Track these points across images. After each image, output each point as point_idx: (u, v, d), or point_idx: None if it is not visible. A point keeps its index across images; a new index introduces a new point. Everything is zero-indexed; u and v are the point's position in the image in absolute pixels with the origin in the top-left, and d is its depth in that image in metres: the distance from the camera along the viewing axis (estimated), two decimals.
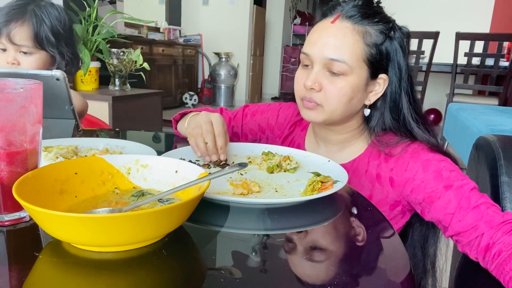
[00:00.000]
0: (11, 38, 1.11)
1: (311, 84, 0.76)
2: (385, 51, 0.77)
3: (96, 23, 2.50)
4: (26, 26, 1.13)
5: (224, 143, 0.74)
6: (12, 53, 1.13)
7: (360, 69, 0.75)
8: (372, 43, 0.75)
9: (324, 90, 0.76)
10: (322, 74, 0.76)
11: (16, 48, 1.13)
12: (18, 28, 1.11)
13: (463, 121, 2.01)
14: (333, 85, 0.75)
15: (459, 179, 0.69)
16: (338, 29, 0.75)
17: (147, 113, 2.79)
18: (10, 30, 1.10)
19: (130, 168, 0.57)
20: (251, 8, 6.05)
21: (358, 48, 0.74)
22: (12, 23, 1.11)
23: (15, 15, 1.11)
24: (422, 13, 4.96)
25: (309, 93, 0.78)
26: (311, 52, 0.77)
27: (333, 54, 0.74)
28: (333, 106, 0.77)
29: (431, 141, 0.77)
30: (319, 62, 0.76)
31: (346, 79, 0.75)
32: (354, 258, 0.47)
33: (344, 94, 0.75)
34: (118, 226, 0.38)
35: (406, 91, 0.79)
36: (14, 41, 1.11)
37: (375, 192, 0.80)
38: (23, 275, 0.38)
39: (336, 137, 0.86)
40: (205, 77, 6.10)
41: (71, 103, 1.00)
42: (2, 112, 0.44)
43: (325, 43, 0.75)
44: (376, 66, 0.77)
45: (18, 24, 1.11)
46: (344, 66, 0.74)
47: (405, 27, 0.80)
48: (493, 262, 0.61)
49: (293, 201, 0.59)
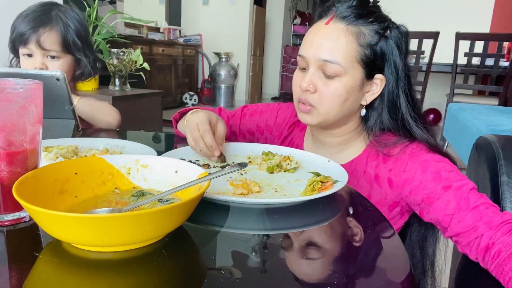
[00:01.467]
0: (41, 43, 1.12)
1: (306, 85, 0.76)
2: (380, 51, 0.76)
3: (96, 23, 2.50)
4: (54, 31, 1.15)
5: (212, 140, 0.74)
6: (40, 58, 1.15)
7: (354, 70, 0.75)
8: (366, 43, 0.75)
9: (318, 92, 0.76)
10: (317, 76, 0.76)
11: (44, 53, 1.15)
12: (47, 34, 1.13)
13: (463, 121, 2.01)
14: (327, 86, 0.76)
15: (458, 179, 0.69)
16: (332, 30, 0.75)
17: (147, 113, 2.79)
18: (39, 36, 1.12)
19: (130, 168, 0.57)
20: (251, 8, 6.05)
21: (352, 49, 0.74)
22: (40, 29, 1.12)
23: (42, 21, 1.13)
24: (422, 13, 4.96)
25: (304, 94, 0.78)
26: (306, 53, 0.77)
27: (327, 56, 0.74)
28: (327, 107, 0.77)
29: (430, 141, 0.77)
30: (314, 64, 0.76)
31: (340, 80, 0.75)
32: (354, 258, 0.47)
33: (338, 96, 0.76)
34: (118, 226, 0.38)
35: (404, 90, 0.79)
36: (44, 47, 1.13)
37: (373, 193, 0.79)
38: (23, 275, 0.38)
39: (334, 140, 0.85)
40: (205, 77, 6.11)
41: (71, 103, 1.00)
42: (2, 112, 0.44)
43: (319, 44, 0.75)
44: (371, 66, 0.76)
45: (47, 30, 1.13)
46: (338, 68, 0.74)
47: (403, 26, 0.79)
48: (492, 262, 0.61)
49: (293, 201, 0.59)
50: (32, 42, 1.12)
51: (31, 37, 1.12)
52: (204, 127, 0.75)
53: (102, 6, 3.66)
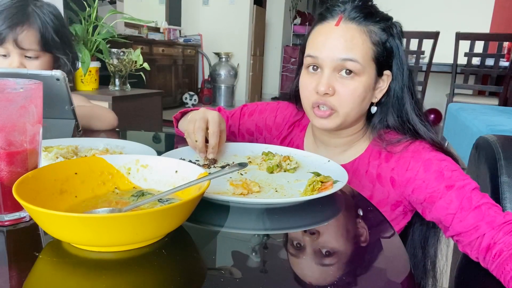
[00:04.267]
0: (19, 43, 1.05)
1: (324, 89, 0.74)
2: (390, 48, 0.77)
3: (96, 23, 2.50)
4: (33, 30, 1.07)
5: (216, 142, 0.73)
6: (17, 59, 1.07)
7: (370, 68, 0.76)
8: (378, 41, 0.76)
9: (337, 94, 0.75)
10: (333, 78, 0.75)
11: (22, 52, 1.07)
12: (25, 32, 1.06)
13: (463, 121, 2.01)
14: (346, 87, 0.75)
15: (460, 179, 0.69)
16: (345, 31, 0.75)
17: (147, 113, 2.79)
18: (16, 35, 1.04)
19: (130, 168, 0.56)
20: (251, 8, 6.05)
21: (367, 47, 0.75)
22: (17, 27, 1.05)
23: (18, 18, 1.05)
24: (422, 13, 4.96)
25: (322, 98, 0.76)
26: (320, 55, 0.76)
27: (346, 55, 0.74)
28: (347, 108, 0.76)
29: (434, 137, 0.78)
30: (329, 65, 0.75)
31: (359, 80, 0.75)
32: (354, 258, 0.47)
33: (358, 95, 0.75)
34: (118, 226, 0.38)
35: (408, 86, 0.80)
36: (22, 46, 1.06)
37: (375, 193, 0.79)
38: (23, 275, 0.38)
39: (339, 141, 0.85)
40: (205, 77, 6.10)
41: (71, 103, 1.00)
42: (2, 112, 0.44)
43: (334, 45, 0.75)
44: (382, 63, 0.77)
45: (25, 28, 1.06)
46: (358, 65, 0.74)
47: (397, 22, 0.80)
48: (493, 262, 0.61)
49: (293, 201, 0.59)
50: (9, 41, 1.04)
51: (8, 36, 1.04)
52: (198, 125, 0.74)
53: (102, 6, 3.66)
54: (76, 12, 2.47)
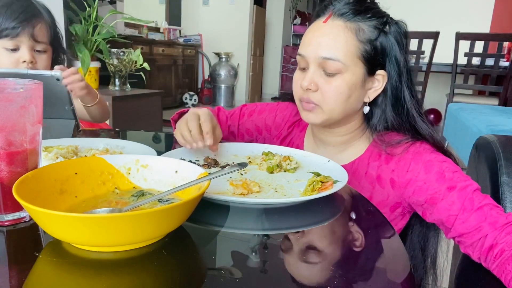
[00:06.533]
0: (35, 36, 1.07)
1: (307, 84, 0.76)
2: (381, 47, 0.76)
3: (96, 23, 2.50)
4: (45, 24, 1.10)
5: (209, 129, 0.72)
6: (28, 52, 1.09)
7: (355, 66, 0.75)
8: (366, 39, 0.75)
9: (320, 90, 0.76)
10: (318, 74, 0.76)
11: (33, 46, 1.09)
12: (39, 26, 1.08)
13: (463, 121, 2.01)
14: (329, 84, 0.75)
15: (462, 180, 0.69)
16: (331, 28, 0.75)
17: (147, 113, 2.79)
18: (33, 28, 1.07)
19: (130, 168, 0.56)
20: (251, 8, 6.05)
21: (352, 45, 0.74)
22: (34, 20, 1.07)
23: (32, 12, 1.07)
24: (422, 13, 4.96)
25: (306, 94, 0.78)
26: (306, 52, 0.77)
27: (327, 53, 0.74)
28: (330, 105, 0.76)
29: (435, 136, 0.77)
30: (314, 62, 0.76)
31: (341, 77, 0.75)
32: (354, 258, 0.47)
33: (341, 93, 0.75)
34: (118, 226, 0.38)
35: (407, 85, 0.79)
36: (37, 39, 1.08)
37: (375, 194, 0.79)
38: (23, 275, 0.38)
39: (336, 139, 0.85)
40: (205, 77, 6.10)
41: (71, 103, 1.00)
42: (2, 112, 0.44)
43: (318, 42, 0.75)
44: (372, 62, 0.76)
45: (39, 21, 1.08)
46: (338, 65, 0.74)
47: (401, 21, 0.79)
48: (494, 261, 0.61)
49: (293, 201, 0.59)
50: (25, 34, 1.06)
51: (25, 29, 1.06)
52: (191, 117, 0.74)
53: (102, 6, 3.65)
54: (76, 12, 2.46)
